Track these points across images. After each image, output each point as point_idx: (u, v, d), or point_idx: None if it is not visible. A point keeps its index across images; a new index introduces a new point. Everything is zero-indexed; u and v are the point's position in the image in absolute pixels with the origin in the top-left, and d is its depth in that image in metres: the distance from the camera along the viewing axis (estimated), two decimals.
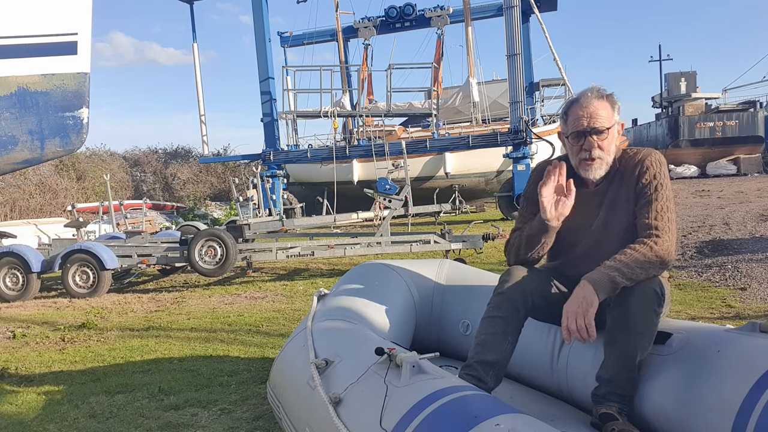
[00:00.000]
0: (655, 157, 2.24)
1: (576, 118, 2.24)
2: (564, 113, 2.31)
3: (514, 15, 13.73)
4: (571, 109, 2.27)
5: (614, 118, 2.24)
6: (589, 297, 2.01)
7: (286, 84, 16.65)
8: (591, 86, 2.28)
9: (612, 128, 2.23)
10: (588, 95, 2.25)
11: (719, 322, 4.24)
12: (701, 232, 8.70)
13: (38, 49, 3.93)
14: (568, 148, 2.32)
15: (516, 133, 14.15)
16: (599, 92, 2.26)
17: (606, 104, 2.23)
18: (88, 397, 3.41)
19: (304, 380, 2.21)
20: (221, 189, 26.52)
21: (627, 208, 2.24)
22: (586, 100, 2.24)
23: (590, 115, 2.21)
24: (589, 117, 2.21)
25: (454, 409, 1.58)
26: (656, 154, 2.25)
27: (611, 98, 2.26)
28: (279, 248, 7.87)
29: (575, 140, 2.25)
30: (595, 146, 2.21)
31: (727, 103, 30.29)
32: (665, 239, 2.12)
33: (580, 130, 2.22)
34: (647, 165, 2.21)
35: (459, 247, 7.69)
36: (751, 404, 1.66)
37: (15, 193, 20.26)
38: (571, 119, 2.26)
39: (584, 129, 2.21)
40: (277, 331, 4.86)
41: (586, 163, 2.24)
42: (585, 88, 2.30)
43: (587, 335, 1.99)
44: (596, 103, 2.22)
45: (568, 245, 2.34)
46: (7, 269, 7.42)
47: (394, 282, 2.98)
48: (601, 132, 2.21)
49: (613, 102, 2.26)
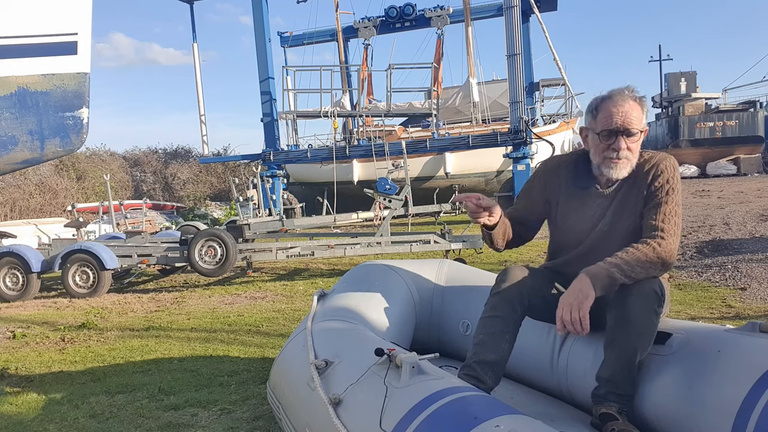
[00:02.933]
0: (670, 162, 2.21)
1: (608, 115, 2.17)
2: (594, 108, 2.24)
3: (514, 15, 13.73)
4: (602, 104, 2.21)
5: (644, 122, 2.21)
6: (586, 290, 2.00)
7: (286, 84, 16.64)
8: (626, 85, 2.23)
9: (643, 132, 2.20)
10: (624, 93, 2.20)
11: (719, 322, 4.24)
12: (701, 232, 8.70)
13: (38, 49, 3.92)
14: (592, 143, 2.25)
15: (516, 133, 14.15)
16: (633, 93, 2.20)
17: (638, 107, 2.19)
18: (88, 397, 3.41)
19: (304, 381, 2.21)
20: (221, 189, 26.52)
21: (634, 211, 2.21)
22: (621, 98, 2.18)
23: (624, 114, 2.16)
24: (623, 116, 2.16)
25: (454, 410, 1.58)
26: (671, 159, 2.23)
27: (643, 102, 2.22)
28: (279, 248, 7.87)
29: (606, 138, 2.19)
30: (624, 147, 2.17)
31: (727, 103, 30.24)
32: (669, 242, 2.10)
33: (613, 128, 2.17)
34: (662, 169, 2.19)
35: (459, 247, 7.69)
36: (751, 404, 1.66)
37: (15, 193, 20.25)
38: (603, 116, 2.19)
39: (617, 128, 2.16)
40: (277, 331, 4.86)
41: (611, 161, 2.19)
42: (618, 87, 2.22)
43: (581, 328, 1.99)
44: (631, 103, 2.18)
45: (570, 244, 2.33)
46: (7, 269, 7.42)
47: (394, 282, 2.98)
48: (633, 134, 2.17)
49: (644, 106, 2.22)
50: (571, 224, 2.31)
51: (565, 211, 2.34)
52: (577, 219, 2.30)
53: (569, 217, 2.33)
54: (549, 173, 2.40)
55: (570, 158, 2.41)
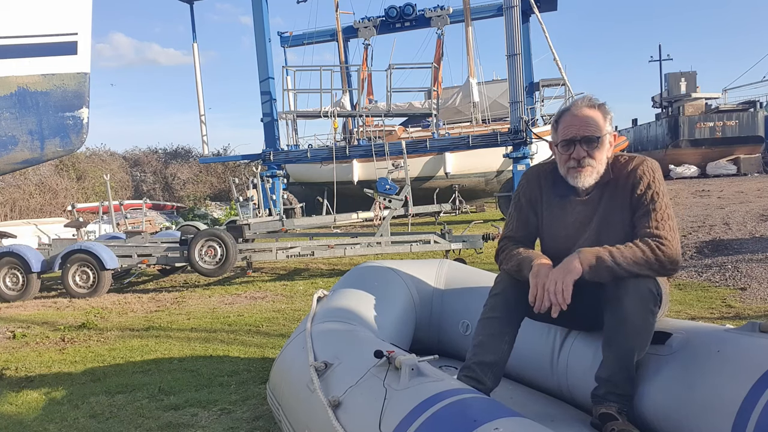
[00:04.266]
0: (648, 165, 2.19)
1: (566, 126, 2.21)
2: (555, 122, 2.29)
3: (514, 15, 13.73)
4: (561, 117, 2.25)
5: (606, 128, 2.21)
6: (573, 264, 2.04)
7: (286, 84, 16.64)
8: (583, 95, 2.26)
9: (603, 137, 2.19)
10: (579, 104, 2.23)
11: (719, 322, 4.24)
12: (701, 232, 8.70)
13: (38, 49, 3.92)
14: (557, 156, 2.28)
15: (516, 133, 14.15)
16: (591, 101, 2.23)
17: (598, 113, 2.21)
18: (88, 397, 3.41)
19: (303, 383, 2.21)
20: (221, 189, 26.54)
21: (622, 220, 2.19)
22: (576, 108, 2.22)
23: (581, 122, 2.19)
24: (579, 125, 2.18)
25: (453, 412, 1.58)
26: (648, 162, 2.21)
27: (603, 108, 2.23)
28: (279, 248, 7.87)
29: (564, 149, 2.22)
30: (583, 155, 2.18)
31: (727, 103, 30.25)
32: (669, 246, 2.07)
33: (570, 138, 2.19)
34: (640, 174, 2.17)
35: (459, 247, 7.69)
36: (751, 404, 1.66)
37: (15, 193, 20.26)
38: (562, 127, 2.23)
39: (574, 137, 2.18)
40: (277, 332, 4.86)
41: (574, 171, 2.20)
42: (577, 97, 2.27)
43: (562, 299, 2.01)
44: (587, 111, 2.20)
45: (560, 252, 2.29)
46: (7, 269, 7.43)
47: (393, 283, 2.98)
48: (591, 141, 2.18)
49: (605, 112, 2.23)
50: (556, 232, 2.31)
51: (549, 221, 2.34)
52: (560, 227, 2.29)
53: (553, 225, 2.32)
54: (530, 184, 2.40)
55: (549, 167, 2.40)
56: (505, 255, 2.31)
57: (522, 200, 2.41)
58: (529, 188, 2.39)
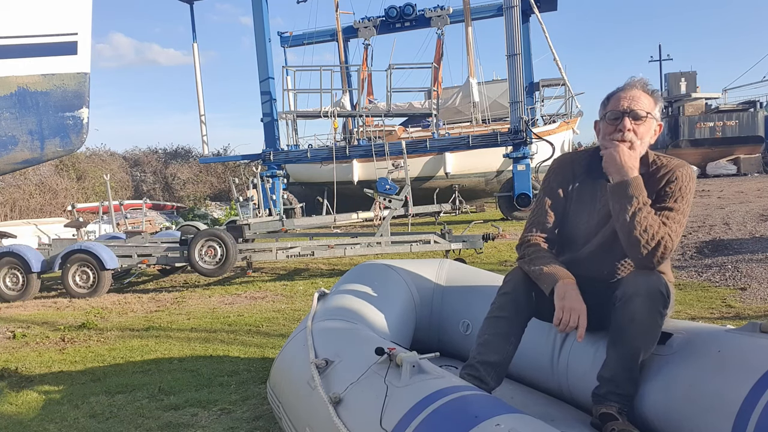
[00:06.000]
0: (687, 171, 2.20)
1: (616, 100, 2.21)
2: (606, 99, 2.27)
3: (514, 15, 13.74)
4: (613, 95, 2.25)
5: (655, 112, 2.22)
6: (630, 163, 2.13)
7: (286, 84, 16.66)
8: (639, 77, 2.26)
9: (650, 118, 2.19)
10: (633, 83, 2.24)
11: (719, 322, 4.24)
12: (701, 232, 8.70)
13: (38, 49, 3.93)
14: (602, 133, 2.26)
15: (516, 133, 14.16)
16: (645, 85, 2.24)
17: (649, 97, 2.22)
18: (88, 397, 3.41)
19: (304, 380, 2.21)
20: (221, 189, 26.53)
21: None
22: (630, 87, 2.23)
23: (631, 98, 2.19)
24: (630, 100, 2.19)
25: (455, 408, 1.58)
26: (688, 168, 2.22)
27: (655, 94, 2.25)
28: (279, 248, 7.87)
29: (612, 120, 2.20)
30: (629, 127, 2.17)
31: (727, 103, 30.24)
32: (667, 246, 2.08)
33: (619, 110, 2.19)
34: (677, 175, 2.17)
35: (459, 247, 7.68)
36: (752, 404, 1.66)
37: (15, 193, 20.26)
38: (612, 103, 2.23)
39: (623, 110, 2.18)
40: (277, 331, 4.86)
41: (615, 142, 2.18)
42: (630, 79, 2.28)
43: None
44: (639, 91, 2.21)
45: (578, 240, 2.30)
46: (7, 269, 7.42)
47: (394, 282, 2.98)
48: (638, 116, 2.17)
49: (656, 98, 2.24)
50: (582, 217, 2.29)
51: (577, 203, 2.32)
52: (587, 212, 2.27)
53: (580, 209, 2.30)
54: (563, 168, 2.38)
55: (583, 154, 2.41)
56: (530, 256, 2.25)
57: (553, 184, 2.37)
58: (561, 171, 2.37)
